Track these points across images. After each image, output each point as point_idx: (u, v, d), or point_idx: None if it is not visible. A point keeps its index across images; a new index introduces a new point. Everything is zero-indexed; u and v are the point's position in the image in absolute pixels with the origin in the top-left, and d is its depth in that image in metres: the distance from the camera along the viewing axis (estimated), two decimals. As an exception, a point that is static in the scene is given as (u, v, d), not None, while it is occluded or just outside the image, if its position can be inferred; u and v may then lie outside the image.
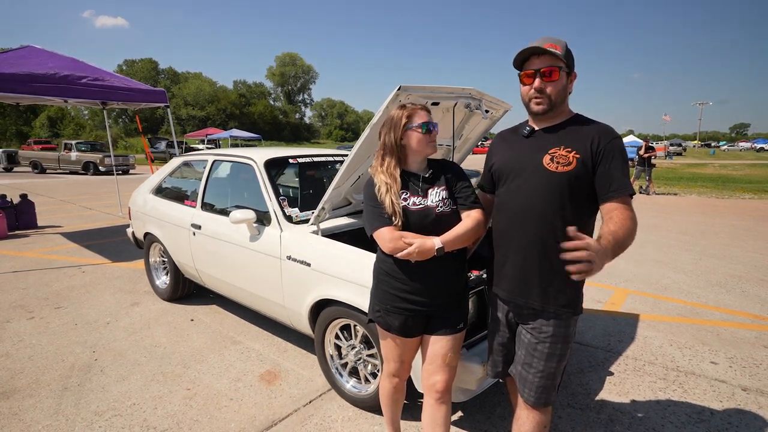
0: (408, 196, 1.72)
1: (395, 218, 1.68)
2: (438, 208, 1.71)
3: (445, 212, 1.71)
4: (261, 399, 2.58)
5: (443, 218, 1.70)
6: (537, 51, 1.51)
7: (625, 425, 2.35)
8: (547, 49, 1.48)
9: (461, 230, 1.68)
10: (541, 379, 1.61)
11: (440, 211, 1.70)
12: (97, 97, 6.36)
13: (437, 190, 1.74)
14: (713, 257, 5.74)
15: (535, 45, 1.51)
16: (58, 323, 3.59)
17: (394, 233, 1.67)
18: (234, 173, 3.58)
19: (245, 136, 31.13)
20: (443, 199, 1.72)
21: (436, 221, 1.69)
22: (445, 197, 1.73)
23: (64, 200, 10.85)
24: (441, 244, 1.63)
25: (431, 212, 1.70)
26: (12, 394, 2.61)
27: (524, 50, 1.52)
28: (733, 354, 3.12)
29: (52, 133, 47.85)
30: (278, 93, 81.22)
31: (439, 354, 1.76)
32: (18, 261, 5.41)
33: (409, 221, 1.69)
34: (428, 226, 1.69)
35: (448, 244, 1.65)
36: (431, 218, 1.69)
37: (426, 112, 1.74)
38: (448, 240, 1.65)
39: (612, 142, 1.50)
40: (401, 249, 1.63)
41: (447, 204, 1.73)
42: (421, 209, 1.70)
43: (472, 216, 1.72)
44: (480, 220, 1.71)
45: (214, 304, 4.00)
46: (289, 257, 2.64)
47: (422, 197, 1.73)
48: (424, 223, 1.69)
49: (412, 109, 1.73)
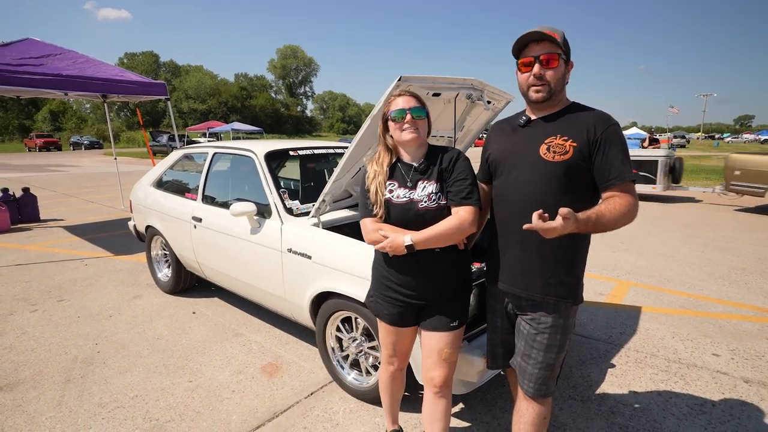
0: (395, 188, 1.67)
1: (377, 208, 1.66)
2: (422, 203, 1.63)
3: (429, 208, 1.62)
4: (263, 391, 2.59)
5: (426, 214, 1.62)
6: (536, 37, 1.48)
7: (627, 417, 2.35)
8: (547, 35, 1.46)
9: (437, 230, 1.58)
10: (540, 370, 1.60)
11: (424, 207, 1.62)
12: (98, 90, 6.35)
13: (426, 184, 1.65)
14: (716, 249, 5.71)
15: (534, 31, 1.48)
16: (61, 316, 3.61)
17: (374, 225, 1.66)
18: (234, 166, 3.57)
19: (247, 129, 31.09)
20: (430, 194, 1.63)
21: (419, 216, 1.62)
22: (432, 192, 1.63)
23: (67, 193, 10.87)
24: (411, 241, 1.57)
25: (414, 207, 1.63)
26: (16, 386, 2.63)
27: (523, 36, 1.50)
28: (735, 346, 3.11)
29: (54, 127, 47.90)
30: (280, 86, 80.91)
31: (435, 349, 1.73)
32: (21, 254, 5.43)
33: (390, 214, 1.66)
34: (410, 221, 1.63)
35: (420, 242, 1.58)
36: (413, 213, 1.63)
37: (408, 98, 1.66)
38: (419, 239, 1.58)
39: (609, 129, 1.48)
40: (377, 241, 1.63)
41: (433, 199, 1.63)
42: (405, 203, 1.64)
43: (458, 215, 1.60)
44: (466, 219, 1.59)
45: (216, 297, 4.01)
46: (290, 250, 2.64)
47: (410, 189, 1.66)
48: (406, 217, 1.64)
49: (394, 97, 1.68)
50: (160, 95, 6.96)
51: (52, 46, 6.55)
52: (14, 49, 6.11)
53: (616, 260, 5.22)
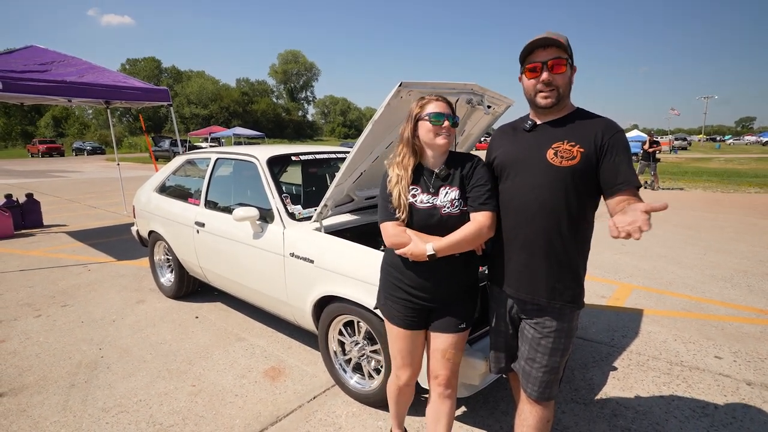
0: (418, 193, 1.68)
1: (399, 212, 1.66)
2: (445, 209, 1.64)
3: (452, 214, 1.64)
4: (265, 395, 2.60)
5: (449, 220, 1.64)
6: (544, 43, 1.49)
7: (629, 420, 2.35)
8: (554, 40, 1.48)
9: (458, 237, 1.61)
10: (544, 374, 1.61)
11: (446, 213, 1.64)
12: (101, 96, 6.39)
13: (448, 190, 1.67)
14: (718, 252, 5.71)
15: (541, 37, 1.50)
16: (65, 321, 3.63)
17: (396, 228, 1.66)
18: (237, 171, 3.59)
19: (248, 134, 31.15)
20: (452, 200, 1.65)
21: (441, 222, 1.64)
22: (454, 198, 1.65)
23: (70, 199, 10.92)
24: (433, 250, 1.59)
25: (437, 213, 1.65)
26: (20, 391, 2.64)
27: (531, 43, 1.51)
28: (738, 348, 3.11)
29: (56, 133, 48.11)
30: (281, 91, 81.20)
31: (439, 349, 1.75)
32: (24, 260, 5.46)
33: (413, 219, 1.67)
34: (433, 226, 1.65)
35: (442, 250, 1.60)
36: (436, 219, 1.65)
37: (445, 104, 1.67)
38: (441, 246, 1.60)
39: (615, 136, 1.50)
40: (400, 246, 1.64)
41: (456, 205, 1.65)
42: (428, 208, 1.65)
43: (476, 220, 1.62)
44: (484, 224, 1.61)
45: (219, 302, 4.02)
46: (293, 254, 2.65)
47: (432, 195, 1.67)
48: (429, 223, 1.65)
49: (428, 100, 1.68)
50: (163, 101, 7.00)
51: (56, 53, 6.60)
52: (18, 56, 6.16)
53: (617, 263, 5.22)
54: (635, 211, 1.25)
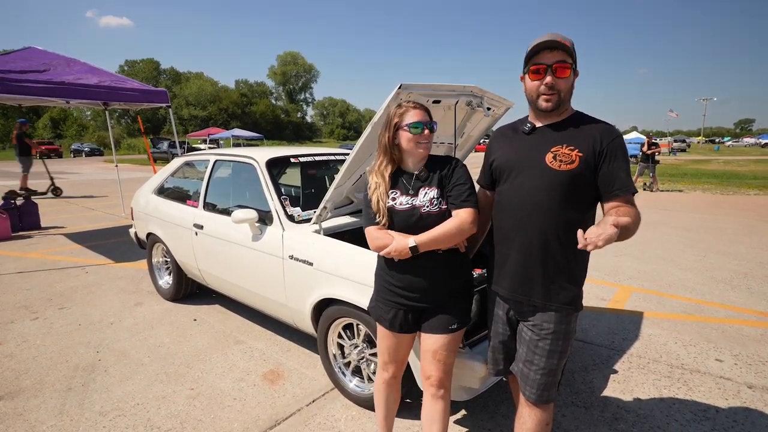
0: (397, 196, 1.73)
1: (379, 217, 1.71)
2: (424, 207, 1.69)
3: (431, 212, 1.68)
4: (264, 398, 2.58)
5: (429, 218, 1.68)
6: (551, 45, 1.48)
7: (630, 423, 2.34)
8: (560, 43, 1.47)
9: (439, 231, 1.64)
10: (542, 376, 1.60)
11: (426, 211, 1.68)
12: (99, 97, 6.39)
13: (427, 190, 1.71)
14: (718, 254, 5.71)
15: (548, 39, 1.48)
16: (62, 324, 3.61)
17: (378, 232, 1.71)
18: (236, 173, 3.58)
19: (247, 135, 31.16)
20: (431, 199, 1.69)
21: (421, 221, 1.68)
22: (434, 197, 1.70)
23: (67, 201, 10.89)
24: (415, 243, 1.63)
25: (416, 212, 1.69)
26: (17, 395, 2.62)
27: (539, 43, 1.49)
28: (739, 351, 3.10)
29: (55, 135, 48.05)
30: (280, 92, 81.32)
31: (430, 350, 1.76)
32: (22, 262, 5.43)
33: (394, 221, 1.71)
34: (413, 226, 1.69)
35: (423, 244, 1.64)
36: (415, 218, 1.69)
37: (422, 111, 1.70)
38: (423, 240, 1.64)
39: (614, 141, 1.50)
40: (383, 247, 1.68)
41: (435, 204, 1.69)
42: (407, 209, 1.70)
43: (458, 216, 1.67)
44: (466, 220, 1.65)
45: (217, 304, 4.00)
46: (292, 257, 2.64)
47: (412, 197, 1.71)
48: (409, 222, 1.69)
49: (406, 108, 1.71)
50: (162, 103, 7.00)
51: (54, 55, 6.59)
52: (16, 57, 6.15)
53: (617, 265, 5.22)
54: (605, 224, 1.26)
